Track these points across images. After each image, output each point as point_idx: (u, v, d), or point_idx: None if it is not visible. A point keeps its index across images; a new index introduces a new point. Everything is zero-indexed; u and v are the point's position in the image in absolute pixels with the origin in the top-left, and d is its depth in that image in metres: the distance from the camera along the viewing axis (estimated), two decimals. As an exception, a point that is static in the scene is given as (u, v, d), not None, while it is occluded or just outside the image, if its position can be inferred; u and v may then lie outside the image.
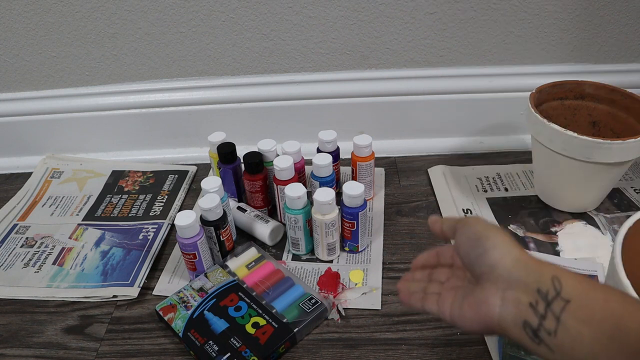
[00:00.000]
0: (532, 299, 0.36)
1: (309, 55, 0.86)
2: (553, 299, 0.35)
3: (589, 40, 0.84)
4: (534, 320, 0.35)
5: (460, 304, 0.41)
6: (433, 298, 0.45)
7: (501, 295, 0.38)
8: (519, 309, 0.36)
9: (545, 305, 0.35)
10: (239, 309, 0.61)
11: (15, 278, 0.71)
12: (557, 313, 0.34)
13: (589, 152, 0.64)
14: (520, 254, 0.38)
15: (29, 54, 0.87)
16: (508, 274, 0.38)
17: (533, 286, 0.36)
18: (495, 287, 0.38)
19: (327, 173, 0.72)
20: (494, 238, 0.40)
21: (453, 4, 0.80)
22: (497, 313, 0.38)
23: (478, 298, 0.39)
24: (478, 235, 0.40)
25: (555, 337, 0.34)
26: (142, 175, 0.91)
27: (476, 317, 0.39)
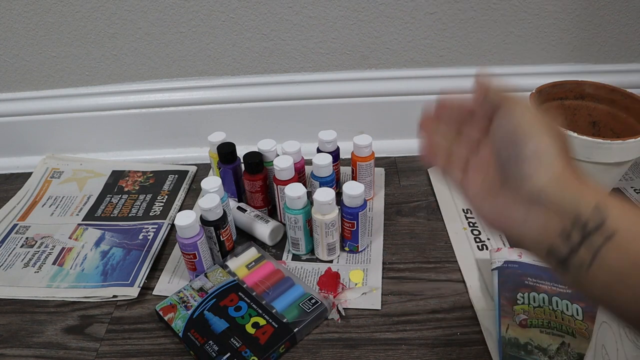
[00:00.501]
0: (566, 226, 0.31)
1: (309, 55, 0.86)
2: (593, 231, 0.30)
3: (589, 40, 0.84)
4: (562, 251, 0.31)
5: (484, 194, 0.36)
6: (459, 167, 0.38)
7: (525, 212, 0.33)
8: (546, 234, 0.32)
9: (582, 237, 0.30)
10: (239, 309, 0.61)
11: (15, 278, 0.71)
12: (596, 247, 0.29)
13: (589, 152, 0.64)
14: (562, 171, 0.32)
15: (29, 54, 0.87)
16: (538, 192, 0.32)
17: (569, 211, 0.31)
18: (520, 201, 0.33)
19: (327, 173, 0.72)
20: (537, 141, 0.33)
21: (453, 4, 0.80)
22: (517, 229, 0.33)
23: (499, 205, 0.34)
24: (519, 132, 0.33)
25: (587, 271, 0.30)
26: (142, 175, 0.91)
27: (495, 223, 0.35)
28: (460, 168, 0.38)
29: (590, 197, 0.31)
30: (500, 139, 0.35)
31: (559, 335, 0.56)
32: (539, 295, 0.60)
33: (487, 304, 0.62)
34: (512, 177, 0.34)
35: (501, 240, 0.71)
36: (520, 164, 0.33)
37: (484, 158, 0.37)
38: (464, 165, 0.38)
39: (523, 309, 0.59)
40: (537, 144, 0.33)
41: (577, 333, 0.56)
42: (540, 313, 0.58)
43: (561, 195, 0.31)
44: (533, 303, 0.59)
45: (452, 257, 0.69)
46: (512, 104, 0.35)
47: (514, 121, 0.34)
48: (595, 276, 0.30)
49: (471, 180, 0.37)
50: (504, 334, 0.56)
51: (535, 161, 0.32)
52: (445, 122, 0.40)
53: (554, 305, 0.59)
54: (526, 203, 0.33)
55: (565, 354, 0.54)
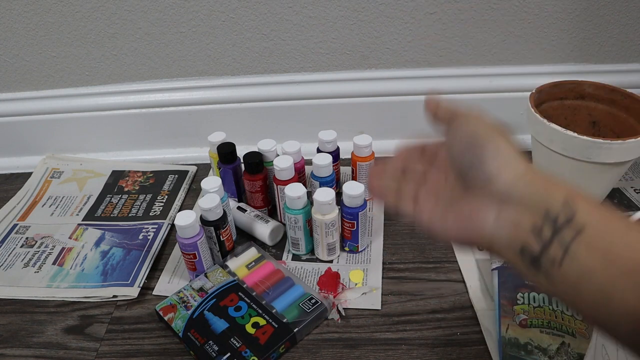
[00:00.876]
0: (537, 222, 0.31)
1: (309, 55, 0.86)
2: (563, 225, 0.30)
3: (589, 40, 0.84)
4: (535, 247, 0.31)
5: (443, 211, 0.36)
6: (408, 200, 0.38)
7: (496, 212, 0.32)
8: (518, 232, 0.31)
9: (553, 232, 0.30)
10: (239, 309, 0.61)
11: (15, 278, 0.71)
12: (567, 241, 0.29)
13: (589, 152, 0.64)
14: (526, 169, 0.32)
15: (29, 54, 0.87)
16: (507, 190, 0.32)
17: (539, 207, 0.31)
18: (490, 201, 0.33)
19: (327, 173, 0.72)
20: (496, 145, 0.33)
21: (453, 4, 0.80)
22: (489, 231, 0.33)
23: (467, 208, 0.34)
24: (476, 138, 0.34)
25: (559, 268, 0.30)
26: (142, 175, 0.91)
27: (462, 230, 0.34)
28: (411, 199, 0.38)
29: (560, 192, 0.31)
30: (459, 144, 0.35)
31: (559, 335, 0.56)
32: (539, 295, 0.60)
33: (487, 304, 0.62)
34: (477, 181, 0.34)
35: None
36: (484, 165, 0.33)
37: (433, 183, 0.38)
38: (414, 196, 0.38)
39: (523, 309, 0.59)
40: (496, 145, 0.33)
41: (577, 333, 0.56)
42: (540, 313, 0.58)
43: (530, 190, 0.32)
44: (533, 303, 0.59)
45: (452, 257, 0.69)
46: (465, 114, 0.36)
47: (471, 127, 0.35)
48: (566, 274, 0.30)
49: (423, 206, 0.37)
50: (504, 334, 0.56)
51: (499, 160, 0.33)
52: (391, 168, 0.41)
53: (554, 305, 0.59)
54: (496, 203, 0.32)
55: (565, 354, 0.54)
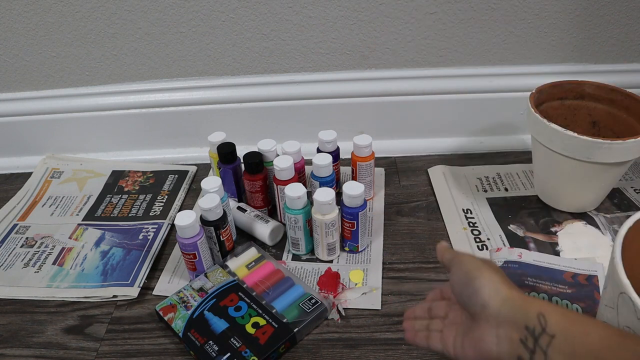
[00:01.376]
0: (522, 335, 0.38)
1: (309, 55, 0.86)
2: (539, 335, 0.37)
3: (589, 40, 0.84)
4: (526, 355, 0.38)
5: (461, 342, 0.44)
6: (437, 336, 0.47)
7: (495, 334, 0.40)
8: (512, 346, 0.39)
9: (534, 341, 0.38)
10: (239, 309, 0.61)
11: (15, 278, 0.71)
12: (544, 348, 0.37)
13: (589, 152, 0.64)
14: (508, 293, 0.41)
15: (29, 54, 0.87)
16: (497, 313, 0.40)
17: (521, 323, 0.39)
18: (489, 325, 0.41)
19: (327, 173, 0.72)
20: (482, 278, 0.42)
21: (453, 4, 0.80)
22: (495, 351, 0.40)
23: (476, 336, 0.42)
24: (468, 275, 0.43)
25: None
26: (142, 175, 0.91)
27: (477, 355, 0.42)
28: (439, 339, 0.47)
29: (534, 308, 0.39)
30: (457, 283, 0.44)
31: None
32: (539, 295, 0.60)
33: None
34: (476, 310, 0.42)
35: (501, 241, 0.71)
36: (477, 296, 0.42)
37: (452, 318, 0.47)
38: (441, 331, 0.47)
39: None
40: (483, 278, 0.42)
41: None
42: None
43: (513, 312, 0.40)
44: (533, 303, 0.59)
45: (452, 257, 0.69)
46: (459, 257, 0.46)
47: (463, 268, 0.44)
48: None
49: (447, 337, 0.46)
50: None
51: (486, 290, 0.41)
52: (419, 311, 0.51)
53: (554, 305, 0.59)
54: (493, 326, 0.40)
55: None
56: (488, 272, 0.43)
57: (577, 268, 0.63)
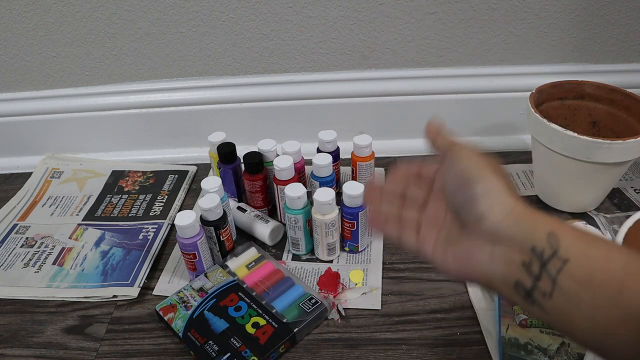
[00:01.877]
0: (525, 258, 0.32)
1: (309, 55, 0.86)
2: (549, 259, 0.31)
3: (589, 40, 0.84)
4: (527, 282, 0.32)
5: (443, 249, 0.37)
6: (411, 229, 0.39)
7: (489, 251, 0.33)
8: (510, 269, 0.33)
9: (540, 266, 0.31)
10: (239, 309, 0.61)
11: (15, 278, 0.71)
12: (553, 274, 0.31)
13: (589, 152, 0.64)
14: (513, 205, 0.33)
15: (29, 54, 0.87)
16: (497, 228, 0.33)
17: (526, 244, 0.32)
18: (483, 240, 0.34)
19: (327, 173, 0.72)
20: (485, 183, 0.34)
21: (453, 4, 0.80)
22: (485, 269, 0.34)
23: (463, 250, 0.35)
24: (467, 176, 0.35)
25: (550, 299, 0.31)
26: (142, 175, 0.91)
27: (462, 269, 0.35)
28: (413, 229, 0.39)
29: (544, 226, 0.32)
30: (451, 185, 0.36)
31: (559, 335, 0.56)
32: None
33: (487, 304, 0.62)
34: (469, 220, 0.35)
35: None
36: (474, 205, 0.34)
37: (434, 213, 0.39)
38: (417, 226, 0.39)
39: (523, 309, 0.59)
40: (486, 184, 0.34)
41: (577, 333, 0.56)
42: (540, 313, 0.58)
43: (517, 229, 0.33)
44: (533, 303, 0.59)
45: (452, 257, 0.69)
46: (458, 149, 0.37)
47: (461, 165, 0.35)
48: (557, 305, 0.31)
49: (426, 237, 0.38)
50: (504, 334, 0.56)
51: (487, 200, 0.34)
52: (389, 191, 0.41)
53: (554, 305, 0.59)
54: (488, 242, 0.33)
55: (565, 354, 0.54)
56: (492, 177, 0.34)
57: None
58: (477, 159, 0.35)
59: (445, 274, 0.37)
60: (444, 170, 0.37)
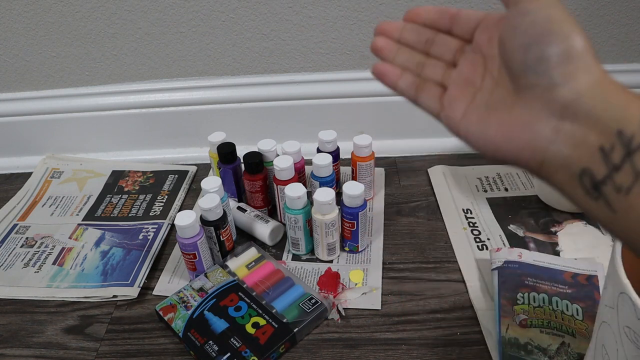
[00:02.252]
0: (605, 142, 0.26)
1: (309, 55, 0.86)
2: (638, 148, 0.25)
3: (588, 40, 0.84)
4: (600, 170, 0.26)
5: (483, 113, 0.30)
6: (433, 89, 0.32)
7: (555, 126, 0.27)
8: (579, 152, 0.26)
9: (624, 154, 0.25)
10: (239, 309, 0.61)
11: (15, 278, 0.71)
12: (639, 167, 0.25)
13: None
14: (602, 76, 0.27)
15: (29, 54, 0.87)
16: (575, 99, 0.26)
17: (611, 125, 0.26)
18: (549, 111, 0.27)
19: (327, 173, 0.72)
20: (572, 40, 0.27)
21: (453, 4, 0.80)
22: (542, 147, 0.27)
23: (516, 119, 0.28)
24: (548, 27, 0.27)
25: (626, 196, 0.25)
26: (142, 175, 0.91)
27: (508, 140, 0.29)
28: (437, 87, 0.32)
29: (637, 109, 0.26)
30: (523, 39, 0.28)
31: (559, 335, 0.56)
32: (539, 295, 0.60)
33: (487, 304, 0.62)
34: (538, 83, 0.27)
35: (501, 241, 0.71)
36: (550, 65, 0.27)
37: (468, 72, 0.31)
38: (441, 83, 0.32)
39: (523, 309, 0.59)
40: (572, 42, 0.27)
41: (577, 333, 0.56)
42: (540, 313, 0.58)
43: (602, 105, 0.26)
44: (533, 303, 0.59)
45: (452, 257, 0.69)
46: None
47: (540, 13, 0.27)
48: (634, 203, 0.25)
49: (455, 99, 0.31)
50: (504, 334, 0.56)
51: (571, 62, 0.27)
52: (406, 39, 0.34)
53: (554, 305, 0.59)
54: (556, 114, 0.27)
55: (565, 354, 0.54)
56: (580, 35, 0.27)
57: (577, 268, 0.63)
58: (559, 9, 0.28)
59: (482, 148, 0.30)
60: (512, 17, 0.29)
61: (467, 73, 0.32)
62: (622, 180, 0.25)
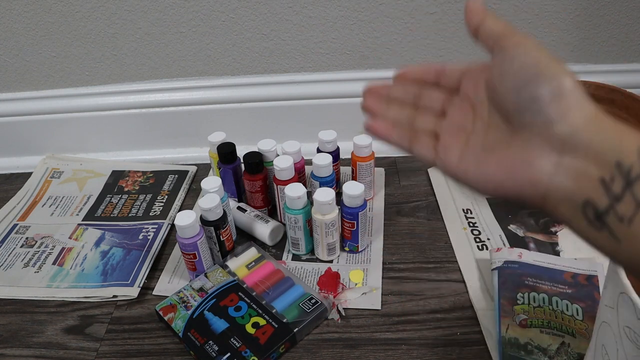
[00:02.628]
0: (606, 173, 0.26)
1: (309, 55, 0.86)
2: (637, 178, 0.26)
3: (589, 40, 0.84)
4: (602, 201, 0.26)
5: (478, 156, 0.31)
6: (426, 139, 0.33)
7: (555, 161, 0.28)
8: (581, 184, 0.27)
9: (624, 185, 0.26)
10: (239, 309, 0.61)
11: (15, 278, 0.71)
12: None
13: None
14: (595, 111, 0.28)
15: (29, 54, 0.87)
16: (573, 134, 0.27)
17: (610, 157, 0.27)
18: (548, 147, 0.28)
19: (327, 173, 0.72)
20: (561, 82, 0.28)
21: (453, 4, 0.80)
22: (545, 182, 0.28)
23: (516, 157, 0.29)
24: (537, 70, 0.29)
25: (629, 225, 0.26)
26: (142, 175, 0.91)
27: (509, 179, 0.29)
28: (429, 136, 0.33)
29: (633, 140, 0.27)
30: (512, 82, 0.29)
31: (559, 335, 0.56)
32: (539, 295, 0.60)
33: (487, 304, 0.62)
34: (534, 123, 0.28)
35: (501, 241, 0.71)
36: (545, 105, 0.28)
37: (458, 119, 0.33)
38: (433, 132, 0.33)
39: (523, 309, 0.59)
40: (563, 81, 0.28)
41: (577, 333, 0.56)
42: (540, 313, 0.58)
43: (599, 138, 0.27)
44: (533, 303, 0.59)
45: (452, 257, 0.69)
46: (519, 39, 0.30)
47: (528, 57, 0.29)
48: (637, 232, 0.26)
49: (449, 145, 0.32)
50: (504, 334, 0.56)
51: (564, 100, 0.28)
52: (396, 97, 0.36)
53: (554, 305, 0.59)
54: (556, 150, 0.28)
55: (565, 354, 0.54)
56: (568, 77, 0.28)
57: (577, 268, 0.63)
58: (546, 51, 0.29)
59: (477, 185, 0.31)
60: (499, 63, 0.30)
61: (457, 120, 0.33)
62: (624, 210, 0.26)
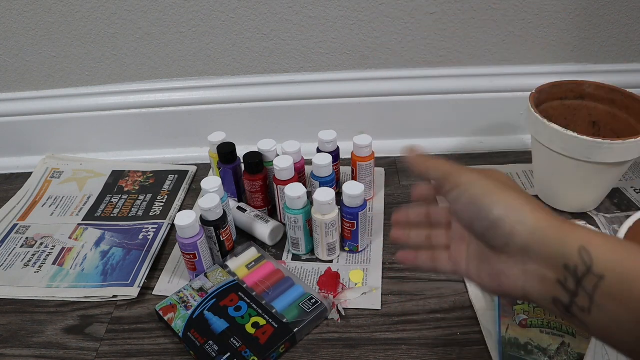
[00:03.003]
0: (560, 275, 0.31)
1: (309, 55, 0.86)
2: (584, 276, 0.30)
3: (589, 40, 0.84)
4: (565, 298, 0.31)
5: (476, 266, 0.36)
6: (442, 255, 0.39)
7: (522, 269, 0.33)
8: (545, 286, 0.32)
9: (576, 283, 0.30)
10: (239, 309, 0.61)
11: (15, 278, 0.71)
12: (590, 291, 0.29)
13: (589, 152, 0.64)
14: (536, 223, 0.32)
15: (29, 54, 0.87)
16: (525, 248, 0.32)
17: (558, 261, 0.31)
18: (514, 260, 0.33)
19: (327, 173, 0.72)
20: (499, 206, 0.33)
21: (453, 4, 0.80)
22: (521, 286, 0.33)
23: (496, 269, 0.34)
24: (479, 203, 0.34)
25: (589, 314, 0.30)
26: (142, 175, 0.91)
27: (497, 287, 0.35)
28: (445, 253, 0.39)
29: (573, 241, 0.31)
30: (465, 211, 0.35)
31: (559, 335, 0.56)
32: (539, 295, 0.60)
33: (487, 304, 0.62)
34: (495, 243, 0.34)
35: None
36: (496, 230, 0.33)
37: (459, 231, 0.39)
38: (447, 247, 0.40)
39: (523, 309, 0.59)
40: (501, 206, 0.33)
41: (577, 333, 0.56)
42: (540, 313, 0.58)
43: (546, 247, 0.32)
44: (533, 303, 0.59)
45: (452, 257, 0.69)
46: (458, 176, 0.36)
47: (468, 194, 0.35)
48: (597, 320, 0.30)
49: (457, 255, 0.38)
50: (504, 334, 0.56)
51: (508, 222, 0.33)
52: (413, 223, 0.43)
53: (554, 305, 0.59)
54: (520, 261, 0.33)
55: (565, 354, 0.54)
56: (505, 196, 0.33)
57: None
58: (481, 180, 0.35)
59: (483, 289, 0.37)
60: (453, 206, 0.36)
61: (458, 230, 0.39)
62: (582, 302, 0.30)
